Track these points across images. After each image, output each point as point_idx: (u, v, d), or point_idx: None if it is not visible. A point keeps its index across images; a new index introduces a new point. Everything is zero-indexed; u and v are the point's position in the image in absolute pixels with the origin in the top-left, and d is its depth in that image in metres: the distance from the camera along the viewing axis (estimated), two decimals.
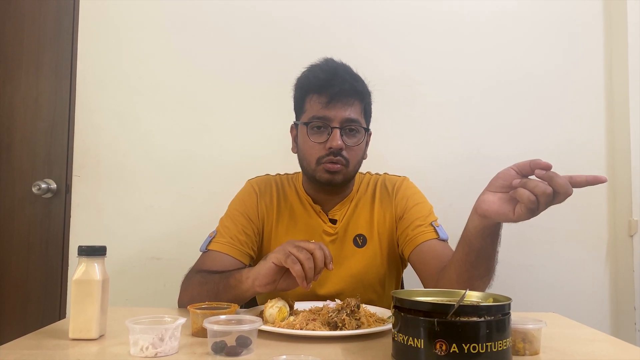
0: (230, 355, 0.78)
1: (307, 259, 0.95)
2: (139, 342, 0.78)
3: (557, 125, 2.00)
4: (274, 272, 0.99)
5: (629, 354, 0.85)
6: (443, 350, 0.71)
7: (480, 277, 1.02)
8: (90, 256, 0.89)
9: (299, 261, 0.95)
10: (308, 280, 0.96)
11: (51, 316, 1.97)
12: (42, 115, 2.02)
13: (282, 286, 1.01)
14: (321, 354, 0.76)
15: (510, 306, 0.76)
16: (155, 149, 1.94)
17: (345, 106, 1.22)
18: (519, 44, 2.01)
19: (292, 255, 0.96)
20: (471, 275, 1.02)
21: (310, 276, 0.96)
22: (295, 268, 0.95)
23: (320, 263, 0.97)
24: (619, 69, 1.98)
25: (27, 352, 0.79)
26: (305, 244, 0.98)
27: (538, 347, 0.84)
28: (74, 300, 0.87)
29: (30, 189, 1.96)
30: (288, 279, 1.00)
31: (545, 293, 1.94)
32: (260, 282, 1.01)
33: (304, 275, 0.95)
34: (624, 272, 1.93)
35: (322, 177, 1.24)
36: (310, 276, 0.96)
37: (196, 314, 0.91)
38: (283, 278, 1.01)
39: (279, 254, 0.98)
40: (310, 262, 0.95)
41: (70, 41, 2.00)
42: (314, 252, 0.96)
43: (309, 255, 0.96)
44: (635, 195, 1.91)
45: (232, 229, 1.28)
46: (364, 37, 1.98)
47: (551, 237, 1.96)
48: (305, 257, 0.95)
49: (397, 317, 0.77)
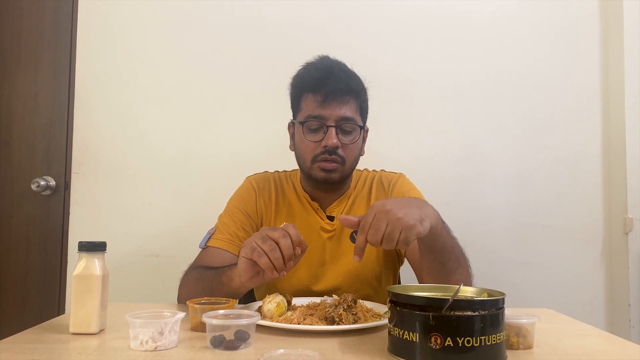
0: (228, 349, 0.79)
1: (271, 249, 0.92)
2: (139, 336, 0.79)
3: (553, 125, 2.01)
4: (251, 266, 0.98)
5: (622, 348, 0.86)
6: (438, 344, 0.72)
7: (454, 269, 1.05)
8: (90, 252, 0.90)
9: (264, 253, 0.93)
10: (278, 269, 0.94)
11: (50, 313, 1.98)
12: (40, 113, 2.03)
13: (268, 277, 0.98)
14: (318, 348, 0.77)
15: (504, 301, 0.77)
16: (153, 146, 1.94)
17: (340, 105, 1.23)
18: (517, 44, 2.03)
19: (257, 248, 0.94)
20: (445, 272, 1.04)
21: (278, 265, 0.93)
22: (261, 261, 0.93)
23: (287, 251, 0.93)
24: (615, 68, 1.99)
25: (28, 345, 0.80)
26: (271, 233, 0.95)
27: (532, 342, 0.85)
28: (75, 295, 0.88)
29: (29, 186, 1.96)
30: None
31: (541, 290, 1.95)
32: (244, 278, 1.00)
33: (272, 267, 0.93)
34: (619, 270, 1.95)
35: (318, 175, 1.25)
36: (278, 265, 0.93)
37: (195, 309, 0.92)
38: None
39: (246, 248, 0.97)
40: (276, 252, 0.93)
41: (69, 39, 2.00)
42: (278, 241, 0.93)
43: (274, 245, 0.93)
44: (630, 194, 1.92)
45: (231, 225, 1.30)
46: (361, 35, 1.99)
47: (547, 235, 1.98)
48: (269, 247, 0.93)
49: (393, 312, 0.78)
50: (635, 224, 1.91)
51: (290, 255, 0.94)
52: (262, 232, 0.96)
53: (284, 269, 0.95)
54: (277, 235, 0.94)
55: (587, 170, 2.01)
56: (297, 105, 1.31)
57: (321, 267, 1.28)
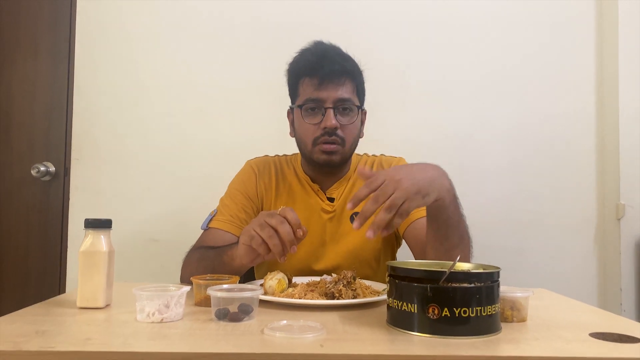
0: (233, 320, 0.82)
1: (269, 236, 0.94)
2: (146, 308, 0.82)
3: (547, 115, 2.04)
4: (250, 251, 0.99)
5: (611, 321, 0.90)
6: (435, 314, 0.75)
7: (456, 245, 1.05)
8: (96, 228, 0.92)
9: (263, 241, 0.95)
10: (278, 256, 0.95)
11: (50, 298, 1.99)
12: (40, 99, 2.04)
13: (268, 258, 0.99)
14: (319, 321, 0.79)
15: (499, 274, 0.80)
16: (152, 132, 1.96)
17: (337, 86, 1.25)
18: (511, 35, 2.05)
19: (256, 236, 0.95)
20: (446, 247, 1.05)
21: (278, 252, 0.95)
22: (260, 249, 0.95)
23: (287, 236, 0.94)
24: (609, 61, 2.02)
25: (38, 317, 0.83)
26: (269, 219, 0.95)
27: (525, 315, 0.88)
28: (81, 270, 0.90)
29: (29, 172, 1.98)
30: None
31: (535, 276, 1.98)
32: (245, 261, 1.02)
33: (272, 253, 0.95)
34: (611, 255, 1.99)
35: (320, 158, 1.27)
36: (278, 252, 0.95)
37: (199, 284, 0.95)
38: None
39: (244, 236, 0.98)
40: (274, 239, 0.94)
41: (68, 24, 2.01)
42: (277, 228, 0.94)
43: (272, 232, 0.94)
44: (623, 180, 1.96)
45: (233, 207, 1.32)
46: (358, 23, 2.00)
47: (541, 221, 2.01)
48: (267, 234, 0.94)
49: (392, 285, 0.81)
50: (627, 210, 1.95)
51: (291, 240, 0.95)
52: (260, 219, 0.97)
53: (284, 255, 0.96)
54: (275, 222, 0.94)
55: (580, 159, 2.04)
56: (295, 91, 1.33)
57: (321, 247, 1.31)
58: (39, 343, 0.67)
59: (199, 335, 0.75)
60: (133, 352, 0.65)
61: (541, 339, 0.76)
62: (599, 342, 0.74)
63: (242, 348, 0.67)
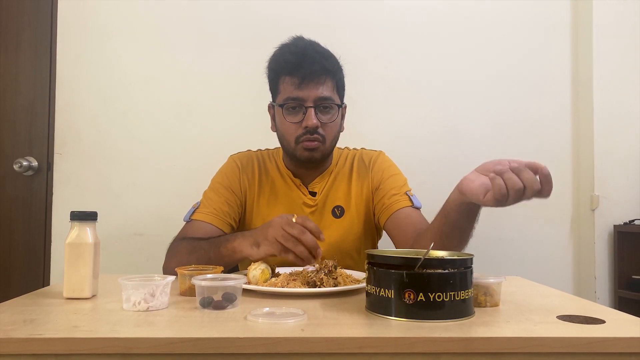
0: (217, 308, 0.85)
1: (295, 245, 1.02)
2: (131, 297, 0.84)
3: (526, 107, 2.10)
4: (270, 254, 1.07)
5: (579, 305, 0.94)
6: (411, 299, 0.78)
7: (452, 247, 1.09)
8: (82, 220, 0.94)
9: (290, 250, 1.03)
10: (307, 260, 1.03)
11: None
12: (22, 93, 2.03)
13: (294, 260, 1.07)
14: (301, 308, 0.82)
15: (472, 261, 0.84)
16: (136, 126, 1.97)
17: (317, 85, 1.27)
18: (494, 28, 2.10)
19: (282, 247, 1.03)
20: (444, 244, 1.09)
21: (305, 256, 1.03)
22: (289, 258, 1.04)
23: (310, 243, 1.02)
24: (584, 58, 2.09)
25: (26, 308, 0.84)
26: (290, 229, 1.02)
27: (498, 300, 0.92)
28: (67, 262, 0.92)
29: (11, 167, 1.97)
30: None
31: (512, 264, 2.04)
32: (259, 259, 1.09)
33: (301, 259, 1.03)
34: (586, 244, 2.05)
35: (302, 155, 1.30)
36: (305, 256, 1.03)
37: (184, 274, 0.97)
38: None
39: (270, 247, 1.05)
40: (300, 247, 1.02)
41: (50, 18, 2.01)
42: (300, 238, 1.02)
43: (296, 241, 1.02)
44: (597, 172, 2.02)
45: (216, 200, 1.34)
46: (340, 17, 2.03)
47: (518, 211, 2.04)
48: (293, 245, 1.02)
49: (370, 272, 0.85)
50: (601, 201, 2.01)
51: (314, 247, 1.03)
52: (279, 230, 1.03)
53: (312, 258, 1.04)
54: (297, 233, 1.02)
55: (556, 152, 2.10)
56: (275, 88, 1.35)
57: None
58: (28, 331, 0.69)
59: (184, 322, 0.77)
60: (120, 337, 0.67)
61: (511, 321, 0.80)
62: (565, 324, 0.78)
63: (226, 333, 0.70)
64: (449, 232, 1.09)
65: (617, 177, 2.04)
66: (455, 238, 1.10)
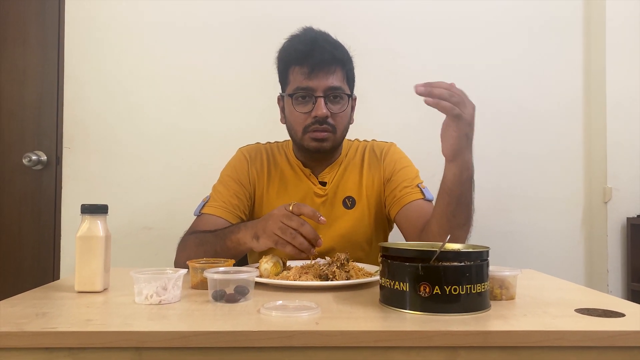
0: (229, 302, 0.84)
1: (293, 237, 1.01)
2: (143, 291, 0.83)
3: (538, 100, 2.07)
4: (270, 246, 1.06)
5: (596, 299, 0.92)
6: (427, 292, 0.77)
7: (461, 225, 1.09)
8: (93, 214, 0.93)
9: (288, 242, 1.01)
10: (307, 251, 1.02)
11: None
12: (30, 88, 2.03)
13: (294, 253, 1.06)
14: (314, 301, 0.81)
15: (488, 254, 0.83)
16: (144, 120, 1.96)
17: (327, 75, 1.26)
18: (505, 22, 2.07)
19: (280, 240, 1.02)
20: (452, 224, 1.09)
21: (305, 248, 1.02)
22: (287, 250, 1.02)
23: (310, 235, 1.01)
24: (596, 54, 2.05)
25: (38, 301, 0.84)
26: (288, 221, 1.02)
27: (514, 293, 0.91)
28: (79, 255, 0.92)
29: (20, 161, 1.97)
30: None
31: (523, 258, 2.02)
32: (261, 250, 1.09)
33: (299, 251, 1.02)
34: (598, 237, 2.03)
35: (310, 145, 1.29)
36: (305, 248, 1.02)
37: (196, 268, 0.96)
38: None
39: (268, 240, 1.04)
40: (299, 238, 1.01)
41: (57, 13, 2.00)
42: (299, 230, 1.01)
43: (295, 233, 1.01)
44: (609, 164, 2.00)
45: (225, 193, 1.33)
46: (348, 11, 2.01)
47: (529, 204, 2.05)
48: (291, 236, 1.01)
49: (384, 265, 0.83)
50: (614, 194, 1.99)
51: (314, 237, 1.02)
52: (277, 222, 1.02)
53: (312, 248, 1.03)
54: (295, 225, 1.02)
55: (568, 144, 2.08)
56: (285, 79, 1.34)
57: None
58: (41, 324, 0.69)
59: (197, 315, 0.76)
60: (133, 331, 0.67)
61: (529, 315, 0.78)
62: (584, 317, 0.77)
63: (240, 326, 0.69)
64: (454, 209, 1.09)
65: (630, 170, 2.01)
66: (463, 214, 1.10)
